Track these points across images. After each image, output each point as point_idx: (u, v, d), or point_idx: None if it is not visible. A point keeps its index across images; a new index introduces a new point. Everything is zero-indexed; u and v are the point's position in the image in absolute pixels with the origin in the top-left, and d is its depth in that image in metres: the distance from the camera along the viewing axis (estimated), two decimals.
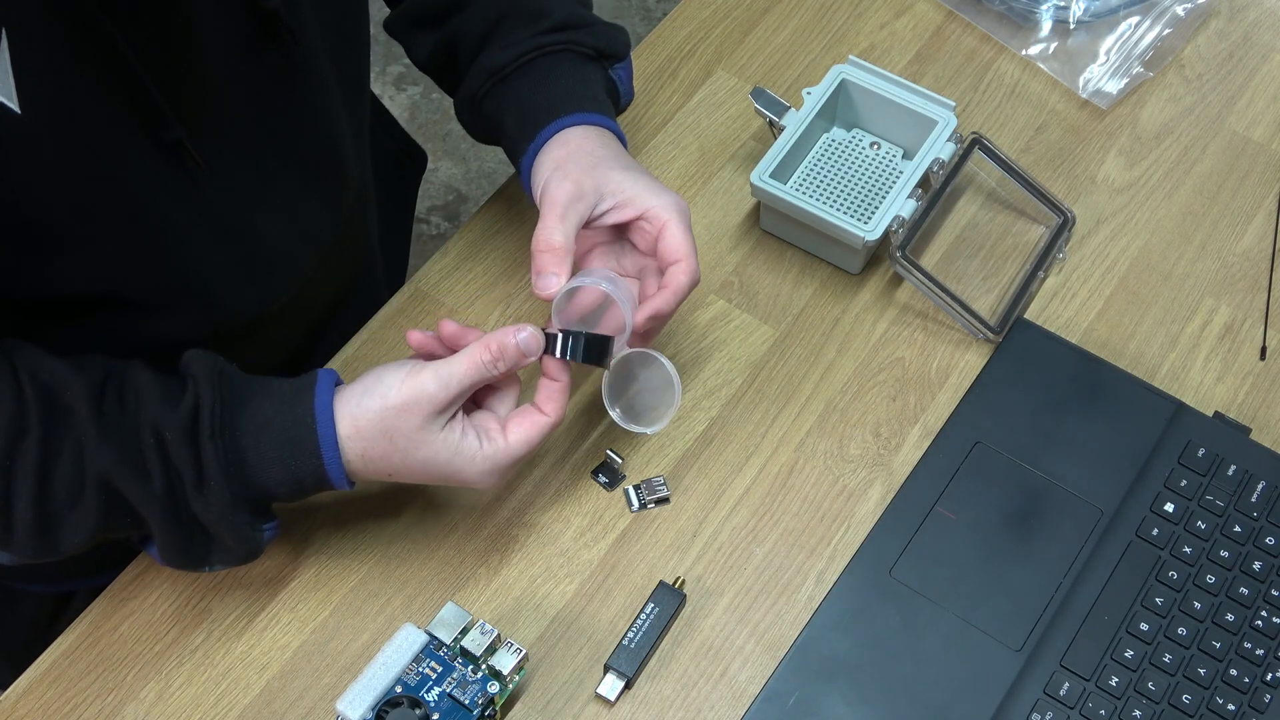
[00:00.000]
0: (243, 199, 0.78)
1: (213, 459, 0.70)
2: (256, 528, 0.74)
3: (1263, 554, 0.82)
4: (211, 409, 0.71)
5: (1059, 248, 0.95)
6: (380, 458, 0.73)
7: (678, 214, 0.79)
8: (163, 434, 0.70)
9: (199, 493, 0.71)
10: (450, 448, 0.73)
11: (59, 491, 0.69)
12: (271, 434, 0.72)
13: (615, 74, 0.88)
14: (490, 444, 0.74)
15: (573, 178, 0.78)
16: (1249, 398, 0.90)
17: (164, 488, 0.70)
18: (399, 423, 0.72)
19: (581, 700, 0.79)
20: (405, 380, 0.72)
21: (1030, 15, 1.05)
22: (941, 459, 0.85)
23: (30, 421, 0.68)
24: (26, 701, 0.78)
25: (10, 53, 0.61)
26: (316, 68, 0.79)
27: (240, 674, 0.79)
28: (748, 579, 0.83)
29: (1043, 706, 0.77)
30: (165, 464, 0.70)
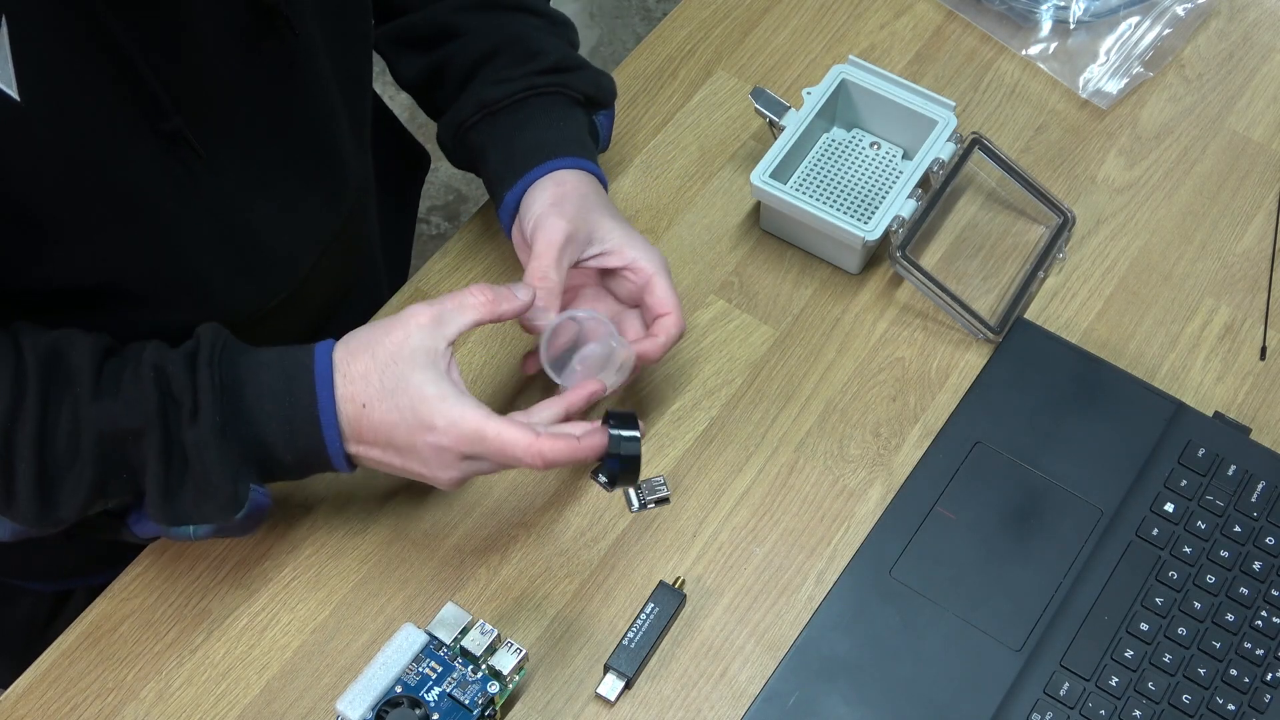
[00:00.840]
0: (241, 192, 0.78)
1: (207, 382, 0.70)
2: (242, 480, 0.72)
3: (1263, 554, 0.82)
4: (213, 342, 0.72)
5: (1059, 248, 0.95)
6: (361, 376, 0.72)
7: (663, 268, 0.82)
8: (164, 367, 0.70)
9: (193, 419, 0.70)
10: (428, 372, 0.72)
11: (58, 448, 0.69)
12: (270, 370, 0.72)
13: (598, 120, 0.90)
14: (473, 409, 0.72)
15: (568, 218, 0.80)
16: (1249, 398, 0.90)
17: (158, 412, 0.70)
18: (383, 336, 0.72)
19: (581, 700, 0.79)
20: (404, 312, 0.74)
21: (1030, 15, 1.05)
22: (941, 459, 0.85)
23: (30, 382, 0.68)
24: (26, 701, 0.78)
25: (10, 40, 0.61)
26: (315, 62, 0.79)
27: (240, 674, 0.79)
28: (748, 579, 0.83)
29: (1043, 706, 0.77)
30: (163, 393, 0.70)
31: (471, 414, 0.72)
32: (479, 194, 1.99)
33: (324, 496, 0.85)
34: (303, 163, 0.82)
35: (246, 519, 0.73)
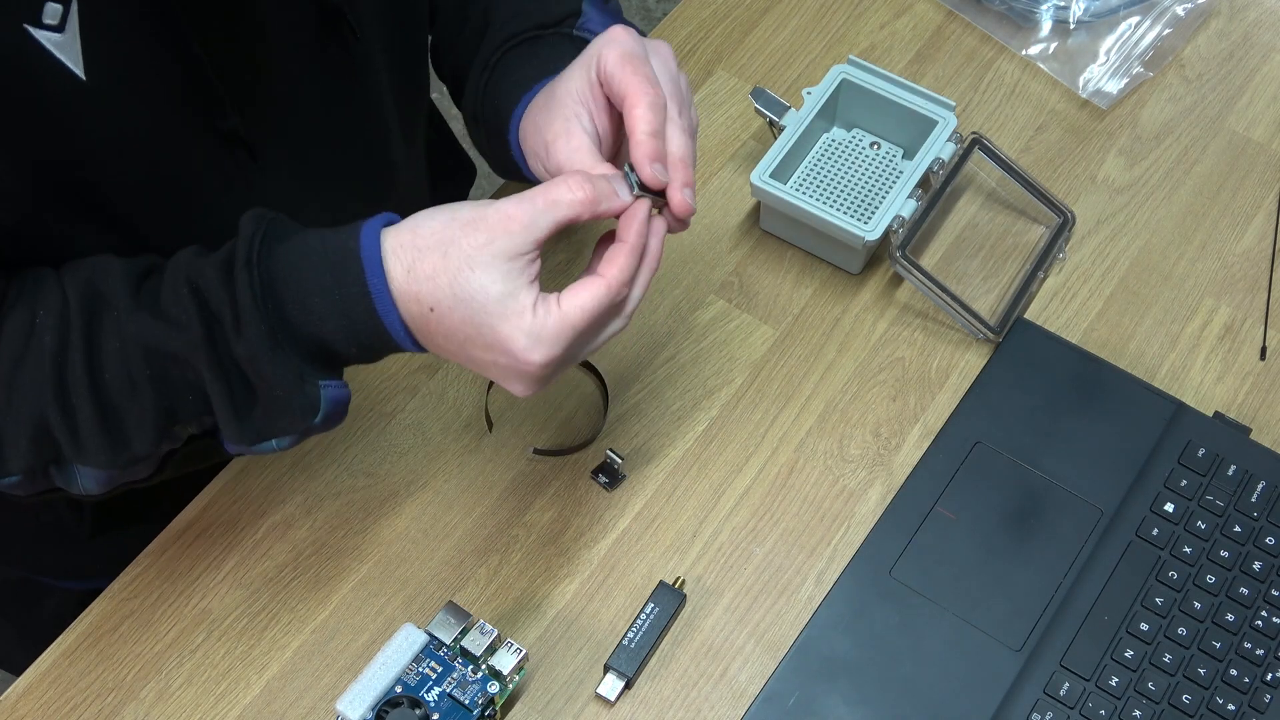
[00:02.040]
0: (290, 193, 0.78)
1: (245, 289, 0.63)
2: (310, 381, 0.65)
3: (1263, 554, 0.82)
4: (250, 240, 0.64)
5: (1059, 248, 0.95)
6: (428, 276, 0.63)
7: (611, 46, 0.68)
8: (197, 281, 0.65)
9: (238, 333, 0.64)
10: (508, 284, 0.62)
11: (111, 379, 0.65)
12: (311, 260, 0.64)
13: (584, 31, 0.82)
14: (543, 306, 0.63)
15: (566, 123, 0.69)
16: (1249, 398, 0.90)
17: (203, 335, 0.64)
18: (462, 236, 0.62)
19: (581, 700, 0.79)
20: (481, 204, 0.64)
21: (1030, 15, 1.05)
22: (941, 459, 0.85)
23: (73, 316, 0.65)
24: (26, 701, 0.78)
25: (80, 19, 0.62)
26: (373, 68, 0.80)
27: (240, 674, 0.79)
28: (748, 579, 0.83)
29: (1043, 706, 0.77)
30: (202, 310, 0.64)
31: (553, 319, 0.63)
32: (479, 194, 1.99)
33: (324, 496, 0.85)
34: (353, 167, 0.83)
35: (327, 417, 0.68)
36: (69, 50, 0.62)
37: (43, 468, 0.68)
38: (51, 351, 0.65)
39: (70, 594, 0.98)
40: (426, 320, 0.64)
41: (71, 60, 0.63)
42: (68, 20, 0.62)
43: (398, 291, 0.64)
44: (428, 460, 0.86)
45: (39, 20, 0.61)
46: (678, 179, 0.66)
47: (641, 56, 0.67)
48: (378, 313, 0.64)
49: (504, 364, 0.64)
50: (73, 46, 0.62)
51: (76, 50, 0.63)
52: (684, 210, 0.67)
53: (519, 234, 0.62)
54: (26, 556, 0.98)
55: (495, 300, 0.62)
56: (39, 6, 0.61)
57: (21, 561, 0.99)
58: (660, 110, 0.66)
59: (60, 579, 0.98)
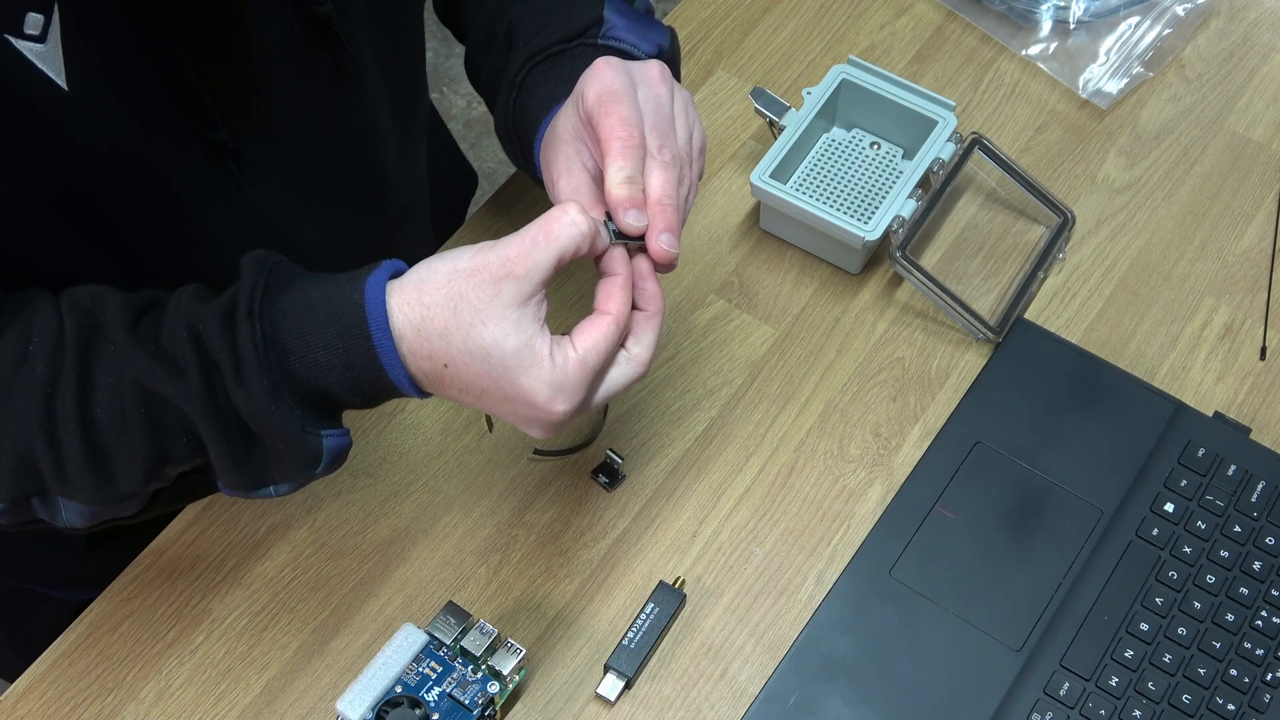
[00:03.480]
0: (281, 204, 0.78)
1: (247, 341, 0.62)
2: (311, 431, 0.64)
3: (1263, 554, 0.82)
4: (252, 291, 0.63)
5: (1059, 248, 0.95)
6: (439, 335, 0.62)
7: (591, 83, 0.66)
8: (196, 326, 0.63)
9: (238, 384, 0.62)
10: (522, 335, 0.61)
11: (101, 414, 0.64)
12: (315, 314, 0.63)
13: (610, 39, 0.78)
14: (560, 352, 0.62)
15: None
16: (1249, 398, 0.90)
17: (201, 383, 0.62)
18: (469, 288, 0.61)
19: (581, 700, 0.79)
20: (480, 249, 0.62)
21: (1030, 15, 1.05)
22: (941, 459, 0.85)
23: (69, 346, 0.64)
24: (26, 701, 0.78)
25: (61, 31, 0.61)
26: (366, 78, 0.79)
27: (240, 674, 0.79)
28: (748, 579, 0.83)
29: (1043, 706, 0.77)
30: (201, 356, 0.63)
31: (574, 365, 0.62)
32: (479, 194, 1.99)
33: (324, 496, 0.85)
34: (345, 176, 0.82)
35: (329, 466, 0.67)
36: (51, 61, 0.62)
37: (25, 499, 0.66)
38: (42, 382, 0.63)
39: (67, 604, 0.98)
40: (440, 375, 0.63)
41: (53, 71, 0.62)
42: (49, 30, 0.61)
43: (407, 350, 0.63)
44: (428, 460, 0.86)
45: (20, 30, 0.60)
46: (657, 224, 0.65)
47: (619, 92, 0.66)
48: (383, 367, 0.63)
49: (525, 414, 0.64)
50: (54, 57, 0.62)
51: (59, 61, 0.62)
52: (662, 258, 0.66)
53: (524, 278, 0.61)
54: (22, 566, 0.98)
55: (512, 354, 0.61)
56: (20, 16, 0.60)
57: (17, 571, 0.98)
58: (635, 152, 0.65)
59: (56, 589, 0.98)
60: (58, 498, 0.66)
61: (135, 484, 0.65)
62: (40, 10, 0.60)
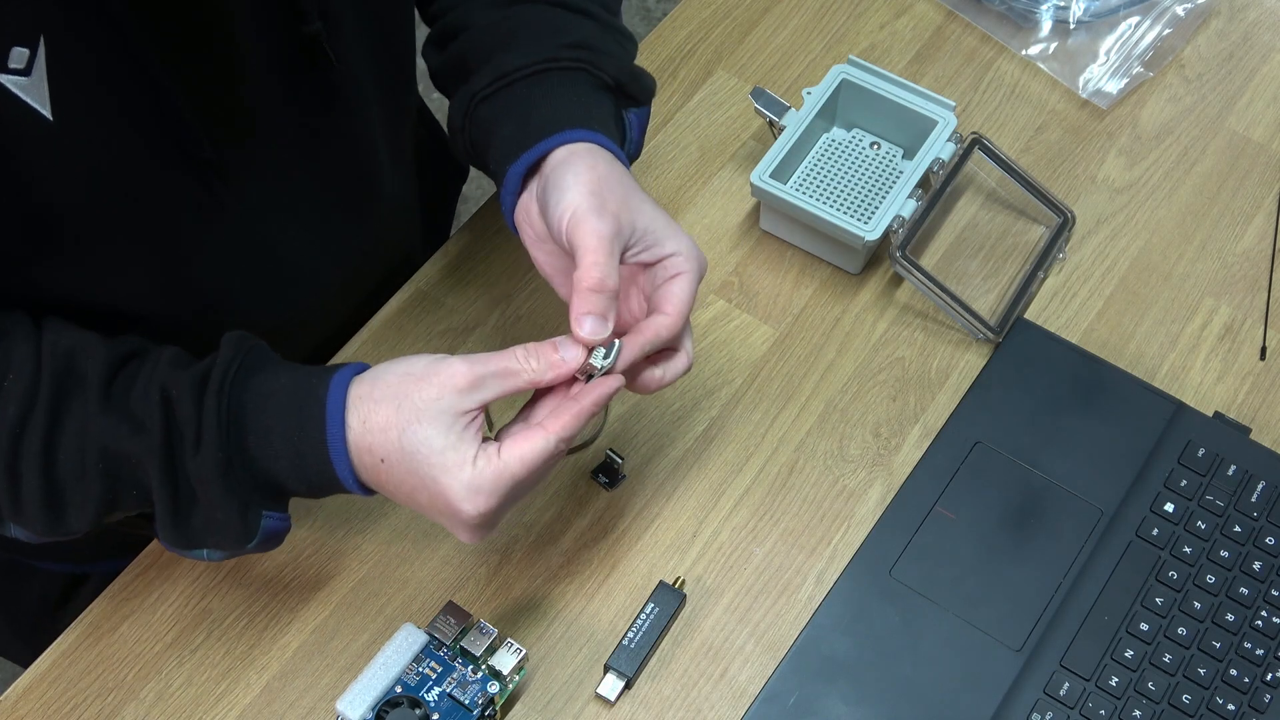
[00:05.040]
0: (271, 219, 0.78)
1: (212, 414, 0.66)
2: (253, 509, 0.68)
3: (1263, 554, 0.82)
4: (226, 368, 0.67)
5: (1059, 248, 0.95)
6: (380, 429, 0.66)
7: (694, 268, 0.72)
8: (170, 393, 0.66)
9: (195, 451, 0.66)
10: (450, 438, 0.65)
11: (64, 461, 0.67)
12: (279, 399, 0.67)
13: (628, 117, 0.79)
14: (484, 459, 0.65)
15: (611, 211, 0.69)
16: (1249, 398, 0.90)
17: (162, 444, 0.66)
18: (414, 390, 0.65)
19: (581, 700, 0.79)
20: (436, 359, 0.66)
21: (1030, 15, 1.05)
22: (941, 459, 0.85)
23: (42, 390, 0.66)
24: (26, 701, 0.78)
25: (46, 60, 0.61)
26: (357, 91, 0.79)
27: (240, 674, 0.79)
28: (748, 579, 0.83)
29: (1043, 706, 0.77)
30: (168, 420, 0.66)
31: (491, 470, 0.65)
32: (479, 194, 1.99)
33: None
34: (336, 188, 0.82)
35: (261, 544, 0.71)
36: (36, 93, 0.62)
37: None
38: (11, 422, 0.66)
39: (55, 576, 0.99)
40: (378, 470, 0.67)
41: (38, 102, 0.62)
42: (34, 63, 0.61)
43: (353, 443, 0.66)
44: None
45: (4, 65, 0.60)
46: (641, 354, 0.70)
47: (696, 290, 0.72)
48: (330, 460, 0.67)
49: (446, 513, 0.67)
50: (40, 89, 0.62)
51: (44, 92, 0.62)
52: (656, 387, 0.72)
53: (466, 394, 0.65)
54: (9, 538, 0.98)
55: (437, 452, 0.65)
56: (4, 52, 0.60)
57: (7, 544, 0.98)
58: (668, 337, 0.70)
59: (46, 562, 0.98)
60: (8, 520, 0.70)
61: (84, 524, 0.69)
62: (25, 44, 0.60)
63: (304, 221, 0.81)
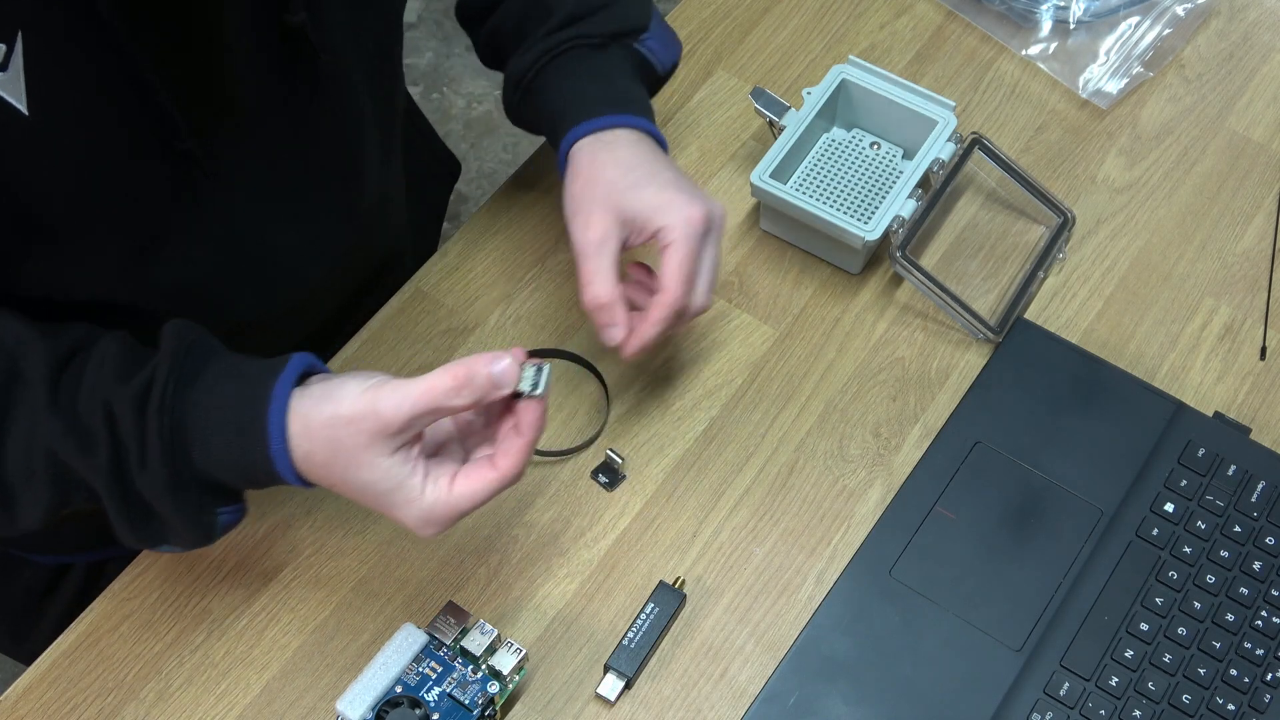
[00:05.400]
0: (255, 210, 0.78)
1: (154, 435, 0.66)
2: (207, 510, 0.69)
3: (1263, 554, 0.82)
4: (165, 384, 0.67)
5: (1059, 248, 0.95)
6: (321, 466, 0.67)
7: (682, 236, 0.76)
8: (112, 408, 0.67)
9: (142, 468, 0.67)
10: (392, 480, 0.66)
11: (11, 464, 0.67)
12: (220, 419, 0.67)
13: (643, 47, 0.85)
14: (433, 490, 0.67)
15: (593, 221, 0.76)
16: (1249, 398, 0.90)
17: (109, 461, 0.67)
18: (345, 436, 0.66)
19: (581, 700, 0.79)
20: (363, 394, 0.66)
21: (1030, 15, 1.05)
22: (941, 459, 0.85)
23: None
24: (26, 701, 0.78)
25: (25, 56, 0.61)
26: (343, 83, 0.79)
27: (240, 674, 0.79)
28: (748, 579, 0.83)
29: (1043, 706, 0.77)
30: (113, 437, 0.67)
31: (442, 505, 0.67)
32: (479, 194, 1.99)
33: (324, 496, 0.84)
34: (322, 180, 0.82)
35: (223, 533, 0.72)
36: (12, 87, 0.62)
37: None
38: None
39: (42, 568, 0.98)
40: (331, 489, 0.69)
41: (14, 97, 0.62)
42: (11, 59, 0.61)
43: (301, 471, 0.68)
44: None
45: None
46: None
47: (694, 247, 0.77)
48: (279, 473, 0.68)
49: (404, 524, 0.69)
50: (16, 84, 0.62)
51: (20, 87, 0.62)
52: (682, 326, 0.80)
53: (396, 435, 0.65)
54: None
55: (384, 494, 0.67)
56: None
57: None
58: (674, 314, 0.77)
59: (33, 553, 0.98)
60: None
61: (35, 523, 0.70)
62: (3, 40, 0.60)
63: (289, 214, 0.81)
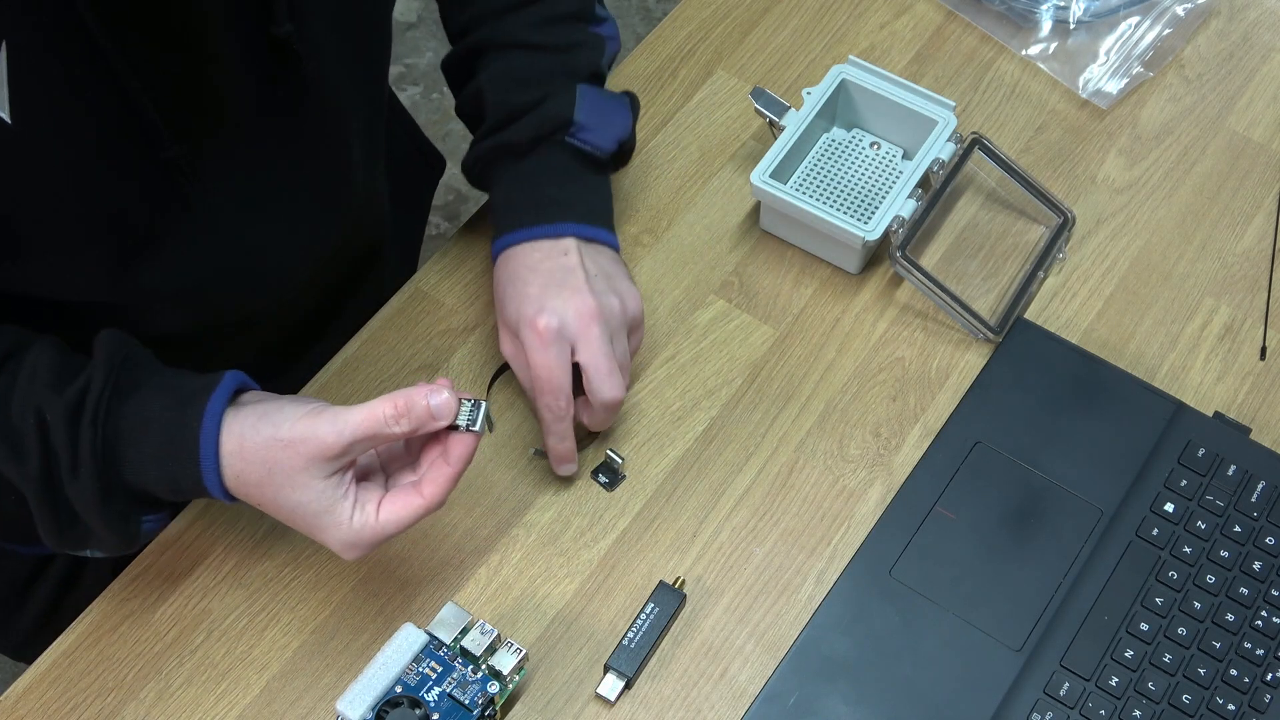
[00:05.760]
0: (240, 216, 0.78)
1: (87, 447, 0.67)
2: (133, 519, 0.71)
3: (1263, 554, 0.82)
4: (99, 395, 0.68)
5: (1059, 248, 0.95)
6: (254, 485, 0.69)
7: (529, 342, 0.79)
8: (45, 417, 0.68)
9: (73, 479, 0.68)
10: (323, 503, 0.68)
11: None
12: (153, 433, 0.69)
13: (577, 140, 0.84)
14: (360, 516, 0.69)
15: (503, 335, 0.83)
16: (1249, 398, 0.90)
17: (39, 469, 0.68)
18: (283, 459, 0.67)
19: (581, 700, 0.79)
20: (303, 417, 0.67)
21: (1030, 15, 1.05)
22: (941, 459, 0.85)
23: None
24: (26, 701, 0.78)
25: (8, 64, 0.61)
26: (330, 90, 0.79)
27: (240, 674, 0.79)
28: (748, 579, 0.83)
29: (1043, 706, 0.77)
30: (44, 445, 0.68)
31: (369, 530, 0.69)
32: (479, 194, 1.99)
33: None
34: (309, 184, 0.82)
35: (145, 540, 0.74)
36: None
37: None
38: None
39: (24, 559, 0.98)
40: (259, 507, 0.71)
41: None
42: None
43: (232, 488, 0.70)
44: None
45: None
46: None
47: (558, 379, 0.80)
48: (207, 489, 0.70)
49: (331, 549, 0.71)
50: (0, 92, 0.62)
51: (3, 96, 0.62)
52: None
53: (334, 459, 0.67)
54: None
55: (313, 515, 0.69)
56: None
57: None
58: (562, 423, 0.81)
59: (13, 543, 0.98)
60: None
61: None
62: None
63: (273, 219, 0.81)
